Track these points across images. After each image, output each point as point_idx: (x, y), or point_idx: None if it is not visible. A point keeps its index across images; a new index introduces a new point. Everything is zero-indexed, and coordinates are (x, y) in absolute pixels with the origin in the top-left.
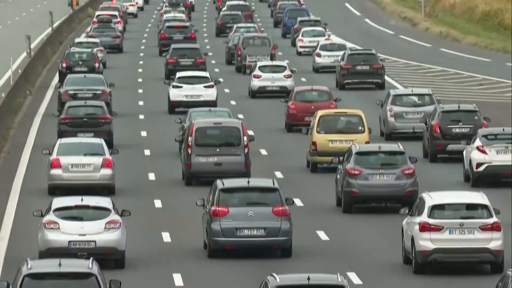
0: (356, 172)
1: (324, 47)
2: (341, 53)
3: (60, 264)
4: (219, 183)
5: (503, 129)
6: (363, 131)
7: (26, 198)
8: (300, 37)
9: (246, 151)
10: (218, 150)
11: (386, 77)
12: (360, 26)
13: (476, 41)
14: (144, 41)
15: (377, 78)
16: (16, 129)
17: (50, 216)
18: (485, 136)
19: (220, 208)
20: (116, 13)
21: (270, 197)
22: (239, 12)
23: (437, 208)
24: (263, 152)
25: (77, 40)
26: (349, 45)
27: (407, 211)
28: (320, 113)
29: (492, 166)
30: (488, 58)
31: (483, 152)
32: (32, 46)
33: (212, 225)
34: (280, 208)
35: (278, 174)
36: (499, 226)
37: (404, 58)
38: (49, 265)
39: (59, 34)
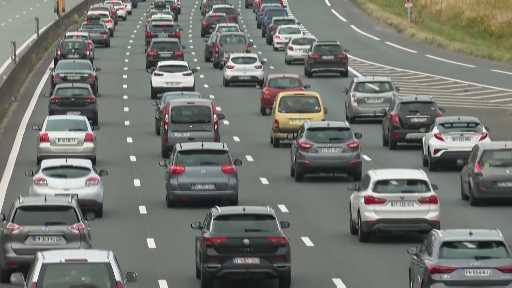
0: (307, 145)
1: (296, 41)
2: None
3: (45, 199)
4: (178, 146)
5: (459, 118)
6: (319, 111)
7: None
8: (277, 34)
9: (215, 127)
10: (191, 126)
11: (348, 67)
12: (346, 32)
13: (462, 47)
14: (131, 39)
15: (341, 66)
16: (2, 135)
17: (40, 174)
18: (442, 124)
19: (177, 167)
20: (106, 12)
21: (220, 158)
22: (224, 14)
23: (381, 183)
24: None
25: (68, 33)
26: None
27: (355, 186)
28: (281, 94)
29: (448, 152)
30: (473, 64)
31: (440, 139)
32: (17, 52)
33: (171, 180)
34: (228, 167)
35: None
36: (436, 199)
37: (389, 64)
38: (37, 200)
39: (45, 40)
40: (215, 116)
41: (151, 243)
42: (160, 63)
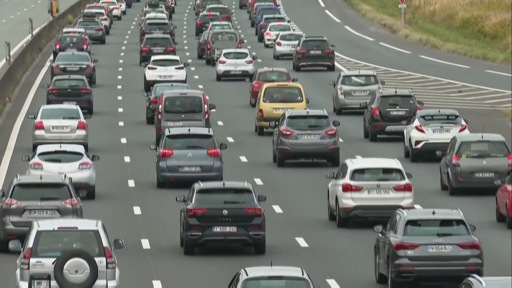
0: (288, 132)
1: (284, 37)
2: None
3: (41, 177)
4: (166, 131)
5: (439, 111)
6: (301, 101)
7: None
8: (267, 31)
9: (206, 116)
10: (183, 116)
11: (335, 62)
12: (340, 32)
13: (456, 48)
14: (126, 39)
15: (327, 61)
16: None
17: (36, 159)
18: (423, 117)
19: (166, 151)
20: (102, 11)
21: (206, 141)
22: (218, 13)
23: (358, 172)
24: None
25: (65, 29)
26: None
27: (333, 175)
28: (265, 85)
29: (429, 143)
30: (467, 65)
31: (421, 131)
32: (12, 52)
33: (160, 163)
34: (214, 150)
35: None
36: (411, 186)
37: (383, 65)
38: (33, 178)
39: (39, 41)
40: (206, 106)
41: (137, 211)
42: (153, 57)
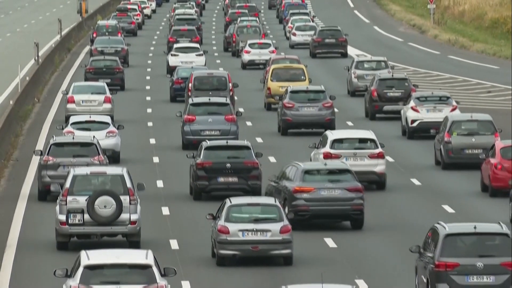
0: (290, 105)
1: (299, 28)
2: (312, 32)
3: (73, 138)
4: (190, 100)
5: (432, 92)
6: (305, 80)
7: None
8: (289, 24)
9: (231, 94)
10: (210, 93)
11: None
12: (369, 33)
13: (485, 48)
14: (157, 32)
15: (341, 49)
16: (25, 136)
17: (69, 128)
18: (418, 98)
19: (190, 117)
20: (135, 7)
21: (224, 109)
22: (246, 10)
23: (337, 142)
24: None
25: (99, 22)
26: (357, 52)
27: (315, 145)
28: (273, 66)
29: (423, 122)
30: (496, 65)
31: (416, 111)
32: (40, 53)
33: (184, 128)
34: (230, 116)
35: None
36: (383, 154)
37: (412, 65)
38: (66, 138)
39: (68, 41)
40: (230, 84)
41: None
42: (176, 45)
